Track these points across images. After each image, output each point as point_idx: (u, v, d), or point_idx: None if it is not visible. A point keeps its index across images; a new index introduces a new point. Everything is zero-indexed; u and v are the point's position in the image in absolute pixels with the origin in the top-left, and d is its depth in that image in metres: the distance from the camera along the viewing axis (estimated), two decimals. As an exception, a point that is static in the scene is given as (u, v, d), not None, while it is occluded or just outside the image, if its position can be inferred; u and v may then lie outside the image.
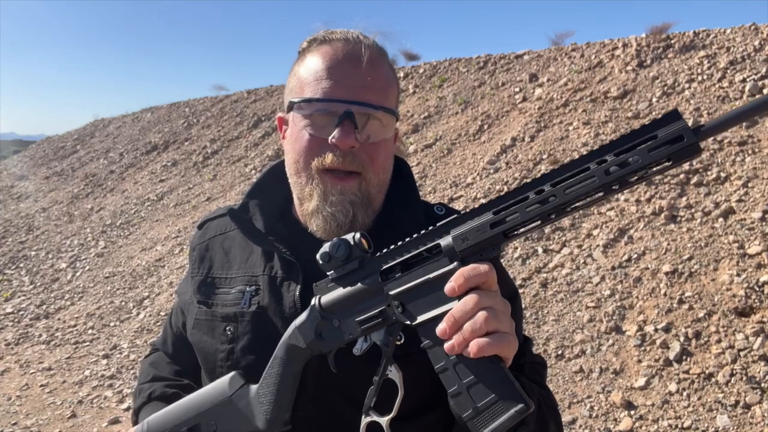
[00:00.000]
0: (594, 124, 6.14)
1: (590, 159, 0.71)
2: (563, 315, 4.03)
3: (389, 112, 0.98)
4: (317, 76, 0.96)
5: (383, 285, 0.82)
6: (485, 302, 0.74)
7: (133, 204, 9.86)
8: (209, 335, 1.03)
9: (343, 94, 0.94)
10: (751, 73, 5.79)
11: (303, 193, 0.99)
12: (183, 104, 14.18)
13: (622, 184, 0.70)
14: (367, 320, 0.83)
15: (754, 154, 4.83)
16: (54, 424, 4.19)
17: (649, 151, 0.67)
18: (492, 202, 0.77)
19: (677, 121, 0.67)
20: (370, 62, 0.97)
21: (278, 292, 0.99)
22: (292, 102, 0.98)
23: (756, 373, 3.20)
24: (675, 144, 0.66)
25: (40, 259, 8.55)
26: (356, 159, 0.95)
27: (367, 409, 0.82)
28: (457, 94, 8.36)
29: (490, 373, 0.72)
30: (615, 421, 3.22)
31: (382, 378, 0.82)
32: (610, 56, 7.26)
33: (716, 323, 3.54)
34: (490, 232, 0.75)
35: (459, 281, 0.75)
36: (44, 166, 14.50)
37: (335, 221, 0.96)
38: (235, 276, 1.05)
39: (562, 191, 0.71)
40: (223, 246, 1.11)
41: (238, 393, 0.90)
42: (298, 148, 0.98)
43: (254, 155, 9.98)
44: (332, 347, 0.86)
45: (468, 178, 6.19)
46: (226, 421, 0.88)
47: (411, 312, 0.80)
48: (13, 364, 5.30)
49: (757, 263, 3.82)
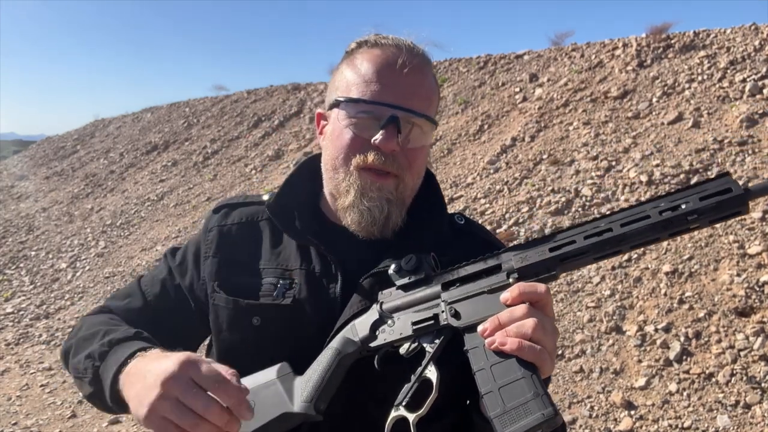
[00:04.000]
0: (594, 124, 6.14)
1: (650, 203, 0.79)
2: (563, 315, 4.03)
3: (431, 121, 1.00)
4: (366, 78, 0.97)
5: (441, 293, 0.88)
6: (535, 315, 0.76)
7: (133, 204, 9.86)
8: (231, 323, 1.02)
9: (390, 99, 0.96)
10: (751, 73, 5.79)
11: (339, 189, 1.01)
12: (183, 104, 14.18)
13: (674, 226, 0.76)
14: (420, 321, 0.87)
15: (754, 154, 4.83)
16: (54, 424, 4.19)
17: (700, 199, 0.75)
18: (554, 232, 0.84)
19: (725, 177, 0.76)
20: (418, 70, 0.99)
21: (317, 288, 1.00)
22: (338, 100, 1.00)
23: (756, 373, 3.20)
24: (723, 195, 0.74)
25: (40, 259, 8.55)
26: (396, 162, 0.97)
27: (399, 404, 0.84)
28: (458, 94, 8.36)
29: (525, 380, 0.74)
30: (615, 421, 3.22)
31: (421, 376, 0.84)
32: (610, 56, 7.26)
33: (716, 323, 3.54)
34: (548, 254, 0.81)
35: (514, 292, 0.79)
36: (44, 166, 14.50)
37: (371, 216, 0.98)
38: (266, 268, 1.04)
39: (618, 226, 0.78)
40: (251, 235, 1.10)
41: (283, 377, 0.92)
42: (339, 144, 0.99)
43: (254, 155, 9.98)
44: (383, 345, 0.90)
45: (468, 178, 6.19)
46: (263, 401, 0.90)
47: (461, 316, 0.84)
48: (13, 364, 5.30)
49: (757, 263, 3.82)
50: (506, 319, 0.77)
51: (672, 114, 5.74)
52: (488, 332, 0.78)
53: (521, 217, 5.14)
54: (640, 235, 0.77)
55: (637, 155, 5.33)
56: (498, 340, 0.76)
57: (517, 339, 0.75)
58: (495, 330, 0.78)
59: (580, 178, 5.34)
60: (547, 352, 0.76)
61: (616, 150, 5.56)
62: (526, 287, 0.79)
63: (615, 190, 5.03)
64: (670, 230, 0.76)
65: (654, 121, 5.82)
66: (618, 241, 0.78)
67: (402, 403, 0.84)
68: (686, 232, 0.77)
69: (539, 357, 0.75)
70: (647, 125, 5.80)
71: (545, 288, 0.79)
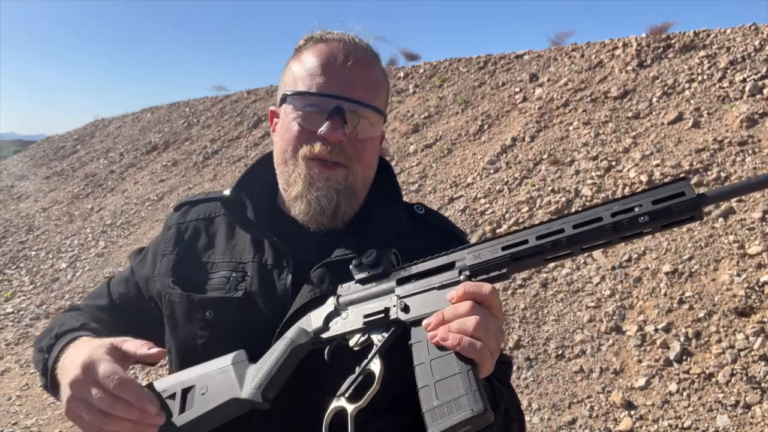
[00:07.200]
0: (594, 124, 6.14)
1: (604, 205, 0.78)
2: (563, 315, 4.03)
3: (377, 112, 1.02)
4: (311, 72, 0.99)
5: (395, 288, 0.89)
6: (479, 314, 0.77)
7: (133, 204, 9.86)
8: (185, 318, 1.03)
9: (335, 90, 0.98)
10: (751, 73, 5.79)
11: (289, 180, 1.02)
12: (183, 104, 14.18)
13: (626, 229, 0.75)
14: (371, 315, 0.88)
15: (754, 154, 4.83)
16: (54, 424, 4.19)
17: (652, 202, 0.74)
18: (510, 232, 0.84)
19: (682, 181, 0.74)
20: (362, 63, 1.01)
21: (268, 280, 1.01)
22: (285, 94, 1.02)
23: (756, 373, 3.20)
24: (676, 199, 0.73)
25: (40, 259, 8.55)
26: (343, 152, 0.98)
27: (340, 395, 0.84)
28: (458, 94, 8.36)
29: (461, 375, 0.74)
30: (615, 421, 3.21)
31: (365, 368, 0.84)
32: (610, 56, 7.26)
33: (716, 323, 3.54)
34: (500, 253, 0.81)
35: (459, 291, 0.79)
36: (44, 166, 14.50)
37: (319, 205, 0.99)
38: (219, 261, 1.06)
39: (570, 227, 0.78)
40: (208, 231, 1.12)
41: (237, 365, 0.92)
42: (287, 137, 1.01)
43: (254, 155, 9.98)
44: (334, 336, 0.90)
45: (468, 178, 6.18)
46: (216, 386, 0.91)
47: (410, 311, 0.85)
48: (13, 364, 5.29)
49: (757, 263, 3.82)
50: (450, 315, 0.78)
51: (672, 114, 5.74)
52: (431, 327, 0.79)
53: (521, 217, 5.14)
54: (591, 237, 0.77)
55: (637, 155, 5.33)
56: (440, 335, 0.76)
57: (458, 335, 0.75)
58: (438, 325, 0.78)
59: (580, 178, 5.35)
60: (489, 350, 0.76)
61: (616, 150, 5.56)
62: (472, 286, 0.79)
63: (615, 190, 5.03)
64: (621, 233, 0.76)
65: (654, 121, 5.82)
66: (570, 242, 0.78)
67: (345, 395, 0.84)
68: (639, 236, 0.77)
69: (479, 354, 0.75)
70: (647, 125, 5.80)
71: (491, 288, 0.78)
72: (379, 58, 1.08)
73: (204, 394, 0.91)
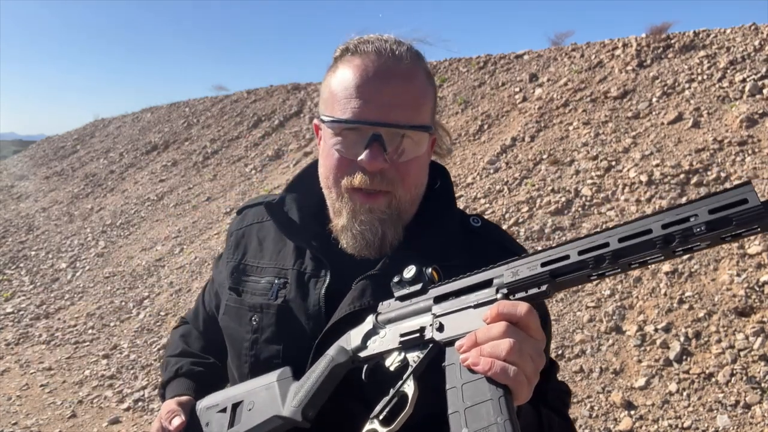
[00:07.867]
0: (594, 124, 6.14)
1: (654, 216, 0.68)
2: (563, 315, 4.03)
3: (421, 129, 0.95)
4: (347, 93, 0.94)
5: (433, 306, 0.85)
6: (513, 336, 0.71)
7: (133, 204, 9.86)
8: (237, 323, 1.05)
9: (372, 115, 0.92)
10: (751, 73, 5.79)
11: (334, 208, 1.01)
12: (183, 104, 14.18)
13: (680, 243, 0.65)
14: (407, 333, 0.85)
15: (754, 154, 4.83)
16: (54, 424, 4.19)
17: (709, 212, 0.63)
18: (552, 246, 0.76)
19: (744, 187, 0.63)
20: (401, 77, 0.94)
21: (305, 289, 1.00)
22: (323, 119, 0.98)
23: (756, 373, 3.20)
24: (737, 207, 0.62)
25: (40, 259, 8.55)
26: (385, 179, 0.94)
27: (374, 417, 0.83)
28: (457, 94, 8.36)
29: (492, 402, 0.69)
30: (615, 421, 3.22)
31: (398, 390, 0.82)
32: (610, 56, 7.26)
33: (716, 323, 3.54)
34: (538, 270, 0.75)
35: (494, 311, 0.74)
36: (44, 166, 14.50)
37: (364, 239, 0.97)
38: (266, 266, 1.07)
39: (615, 240, 0.69)
40: (258, 235, 1.12)
41: (281, 381, 0.94)
42: (328, 165, 0.98)
43: (254, 155, 9.99)
44: (372, 356, 0.88)
45: (468, 178, 6.19)
46: (261, 402, 0.94)
47: (444, 330, 0.81)
48: (13, 364, 5.29)
49: (757, 263, 3.82)
50: (483, 337, 0.73)
51: (672, 114, 5.74)
52: (464, 348, 0.74)
53: (521, 217, 5.14)
54: (639, 252, 0.68)
55: (637, 155, 5.33)
56: (471, 359, 0.72)
57: (490, 359, 0.70)
58: (471, 347, 0.73)
59: (580, 178, 5.35)
60: (525, 375, 0.70)
61: (616, 150, 5.56)
62: (506, 306, 0.73)
63: (615, 190, 5.03)
64: (673, 247, 0.66)
65: (654, 121, 5.82)
66: (614, 257, 0.69)
67: (378, 417, 0.82)
68: (694, 251, 0.66)
69: (513, 380, 0.69)
70: (647, 125, 5.80)
71: (527, 308, 0.72)
72: (422, 59, 1.00)
73: (251, 410, 0.95)
